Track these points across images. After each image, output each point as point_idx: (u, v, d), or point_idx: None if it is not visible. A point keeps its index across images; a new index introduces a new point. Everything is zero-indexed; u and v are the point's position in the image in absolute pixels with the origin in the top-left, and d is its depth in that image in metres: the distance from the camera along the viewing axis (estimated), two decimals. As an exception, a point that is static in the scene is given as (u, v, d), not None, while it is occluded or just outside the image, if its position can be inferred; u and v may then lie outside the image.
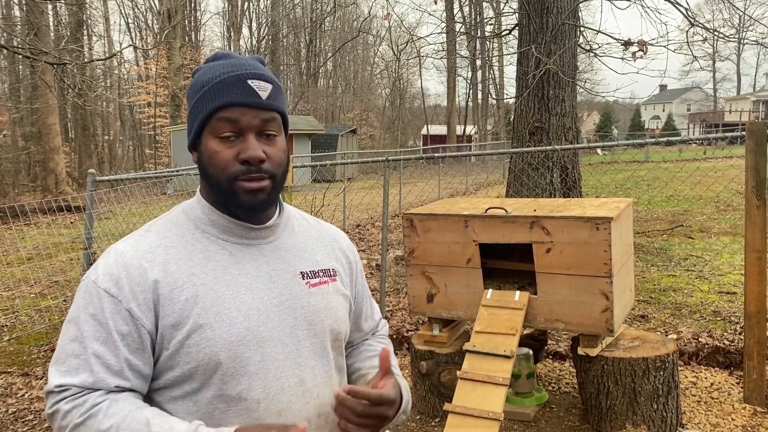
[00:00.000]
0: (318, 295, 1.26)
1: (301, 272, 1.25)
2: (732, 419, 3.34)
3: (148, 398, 1.16)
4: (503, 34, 10.02)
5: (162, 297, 1.11)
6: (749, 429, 3.24)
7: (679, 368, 3.82)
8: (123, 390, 1.10)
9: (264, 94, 1.15)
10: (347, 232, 10.33)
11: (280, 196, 1.30)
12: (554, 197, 6.63)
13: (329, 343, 1.26)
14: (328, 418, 1.23)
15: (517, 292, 3.25)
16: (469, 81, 42.31)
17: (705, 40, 7.93)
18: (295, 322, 1.21)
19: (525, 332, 3.89)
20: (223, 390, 1.12)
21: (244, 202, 1.15)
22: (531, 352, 3.59)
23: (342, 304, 1.32)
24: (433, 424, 3.54)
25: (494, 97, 39.58)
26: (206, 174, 1.17)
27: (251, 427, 1.07)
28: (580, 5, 7.21)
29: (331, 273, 1.31)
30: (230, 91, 1.13)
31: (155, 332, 1.11)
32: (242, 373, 1.13)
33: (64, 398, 1.07)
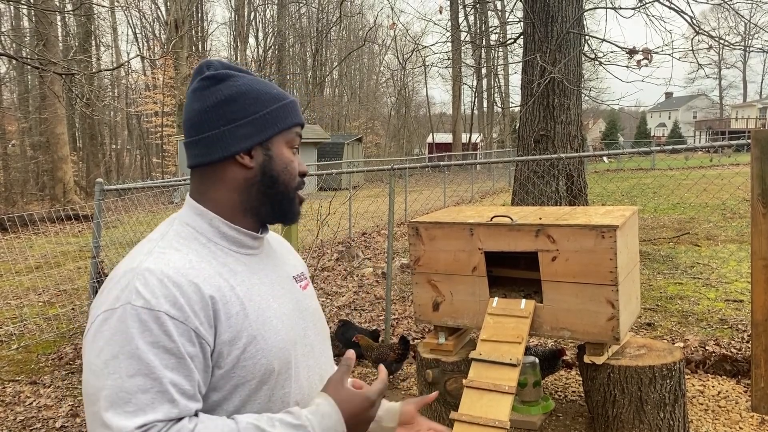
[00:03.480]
0: (310, 297, 1.34)
1: (293, 276, 1.32)
2: (739, 428, 3.32)
3: None
4: (508, 42, 10.05)
5: (219, 313, 1.08)
6: (757, 438, 3.23)
7: (686, 377, 3.80)
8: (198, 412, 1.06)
9: None
10: (353, 240, 10.34)
11: None
12: (560, 205, 6.63)
13: (328, 339, 1.36)
14: None
15: (523, 301, 3.25)
16: (474, 89, 42.40)
17: (710, 47, 7.94)
18: (305, 323, 1.26)
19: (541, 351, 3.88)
20: (269, 397, 1.14)
21: (297, 210, 1.26)
22: (537, 360, 3.59)
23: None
24: (439, 432, 3.53)
25: (499, 105, 39.62)
26: (275, 179, 1.21)
27: (338, 389, 1.15)
28: (585, 14, 7.24)
29: (306, 275, 1.40)
30: (297, 113, 1.26)
31: (214, 350, 1.08)
32: (286, 377, 1.16)
33: None
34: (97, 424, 0.98)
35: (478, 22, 33.06)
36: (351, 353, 1.20)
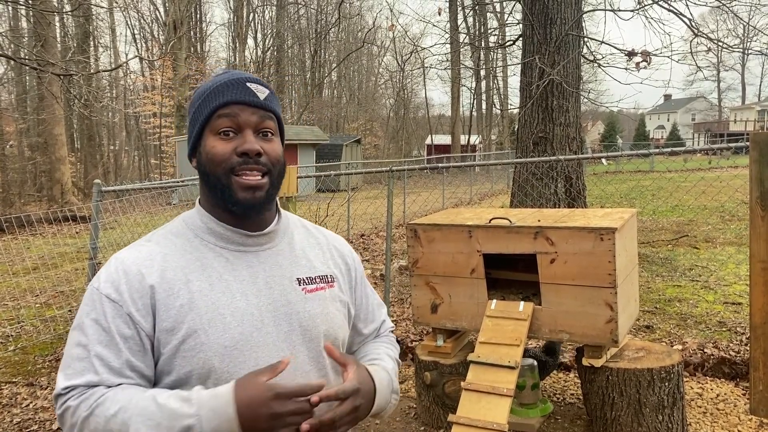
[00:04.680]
0: (314, 301, 1.28)
1: (298, 278, 1.28)
2: (738, 431, 3.32)
3: None
4: (507, 44, 10.06)
5: (158, 302, 1.15)
6: (756, 441, 3.22)
7: (685, 379, 3.79)
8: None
9: (261, 96, 1.22)
10: (351, 242, 10.34)
11: (279, 202, 1.34)
12: (558, 207, 6.62)
13: (323, 349, 1.29)
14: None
15: (522, 303, 3.25)
16: (473, 91, 42.44)
17: (709, 50, 7.95)
18: (290, 327, 1.23)
19: (533, 345, 3.87)
20: None
21: (240, 198, 1.18)
22: (535, 363, 3.58)
23: (339, 310, 1.34)
24: (437, 435, 3.52)
25: (498, 107, 39.68)
26: (205, 173, 1.22)
27: (247, 378, 1.11)
28: (584, 16, 7.24)
29: (329, 279, 1.34)
30: (229, 92, 1.20)
31: (153, 336, 1.16)
32: (237, 377, 1.14)
33: (72, 396, 1.12)
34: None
35: (477, 23, 33.10)
36: (286, 360, 1.14)
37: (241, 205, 1.19)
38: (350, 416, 1.17)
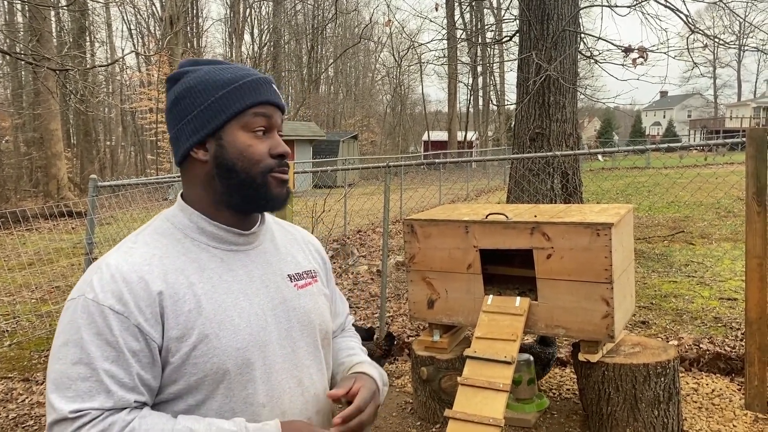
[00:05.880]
0: (306, 297, 1.29)
1: (289, 275, 1.28)
2: (733, 426, 3.33)
3: None
4: (504, 40, 10.04)
5: (167, 309, 1.09)
6: (750, 436, 3.23)
7: (680, 375, 3.81)
8: (142, 405, 1.08)
9: (282, 99, 1.24)
10: (348, 238, 10.34)
11: None
12: (555, 203, 6.63)
13: (320, 342, 1.30)
14: (326, 414, 1.28)
15: (518, 298, 3.25)
16: (470, 87, 42.42)
17: (705, 46, 7.96)
18: (289, 324, 1.23)
19: (528, 340, 3.88)
20: (229, 397, 1.13)
21: (275, 194, 1.19)
22: (531, 358, 3.59)
23: (325, 304, 1.36)
24: (433, 430, 3.53)
25: (495, 103, 39.68)
26: (231, 168, 1.16)
27: (295, 423, 1.14)
28: (581, 12, 7.24)
29: (313, 274, 1.35)
30: (266, 91, 1.19)
31: (162, 346, 1.09)
32: (248, 379, 1.14)
33: (85, 424, 1.02)
34: (47, 402, 1.05)
35: (474, 19, 33.07)
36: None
37: (275, 200, 1.20)
38: (373, 418, 1.22)
